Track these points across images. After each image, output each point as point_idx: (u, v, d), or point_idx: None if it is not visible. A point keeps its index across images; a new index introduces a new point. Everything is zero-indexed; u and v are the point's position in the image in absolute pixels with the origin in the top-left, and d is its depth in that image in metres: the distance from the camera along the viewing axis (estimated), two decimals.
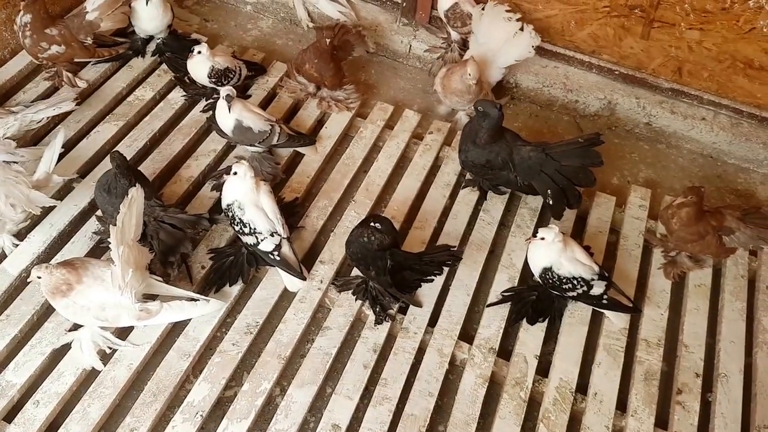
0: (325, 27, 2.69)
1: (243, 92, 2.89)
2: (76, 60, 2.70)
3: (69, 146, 2.56)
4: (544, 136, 3.11)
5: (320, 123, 2.91)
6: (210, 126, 2.68)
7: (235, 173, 2.15)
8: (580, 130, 3.13)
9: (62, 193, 2.44)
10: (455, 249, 2.39)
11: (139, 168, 2.50)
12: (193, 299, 2.11)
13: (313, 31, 3.34)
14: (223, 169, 2.57)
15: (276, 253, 2.19)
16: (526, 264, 2.30)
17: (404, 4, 3.23)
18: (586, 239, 2.54)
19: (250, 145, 2.56)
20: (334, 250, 2.40)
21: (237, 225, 2.19)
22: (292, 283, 2.29)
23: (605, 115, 3.15)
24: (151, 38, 2.98)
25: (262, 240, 2.17)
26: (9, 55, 2.79)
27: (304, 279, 2.26)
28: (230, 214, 2.19)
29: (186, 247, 2.22)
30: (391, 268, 2.16)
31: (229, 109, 2.42)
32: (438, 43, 3.24)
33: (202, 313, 2.10)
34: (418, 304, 2.29)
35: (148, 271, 2.08)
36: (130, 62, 2.92)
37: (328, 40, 2.65)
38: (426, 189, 2.69)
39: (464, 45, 3.18)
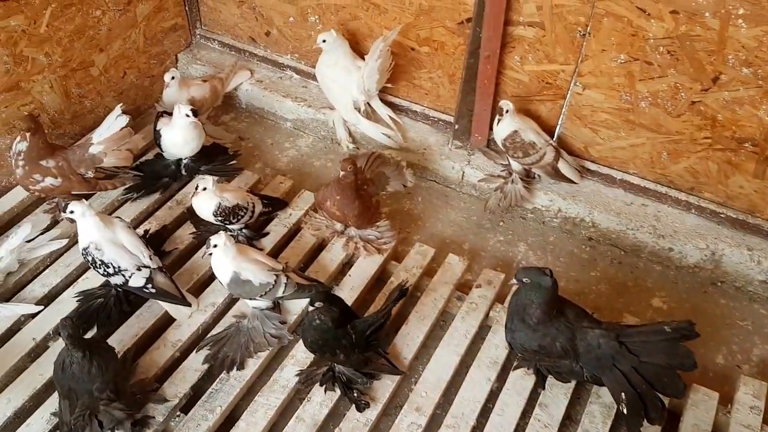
0: (348, 158, 2.26)
1: (260, 230, 2.49)
2: (74, 193, 2.41)
3: (54, 295, 2.23)
4: (628, 291, 2.47)
5: (348, 266, 2.44)
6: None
7: (72, 212, 2.03)
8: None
9: (32, 356, 2.07)
10: (404, 284, 2.18)
11: (118, 329, 2.12)
12: None
13: (355, 152, 2.95)
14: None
15: (150, 285, 2.07)
16: None
17: (457, 126, 2.77)
18: None
19: (251, 299, 2.13)
20: None
21: (100, 268, 2.06)
22: (176, 311, 2.15)
23: (708, 267, 2.46)
24: (179, 161, 2.69)
25: (130, 276, 2.06)
26: (11, 184, 2.56)
27: (189, 305, 2.16)
28: (89, 259, 2.07)
29: None
30: (355, 341, 1.94)
31: (209, 247, 2.02)
32: (497, 171, 2.73)
33: None
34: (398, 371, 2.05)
35: None
36: (142, 194, 2.61)
37: (342, 173, 2.21)
38: (466, 366, 2.11)
39: (528, 175, 2.65)
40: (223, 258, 2.04)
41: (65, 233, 2.40)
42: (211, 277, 2.26)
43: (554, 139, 2.61)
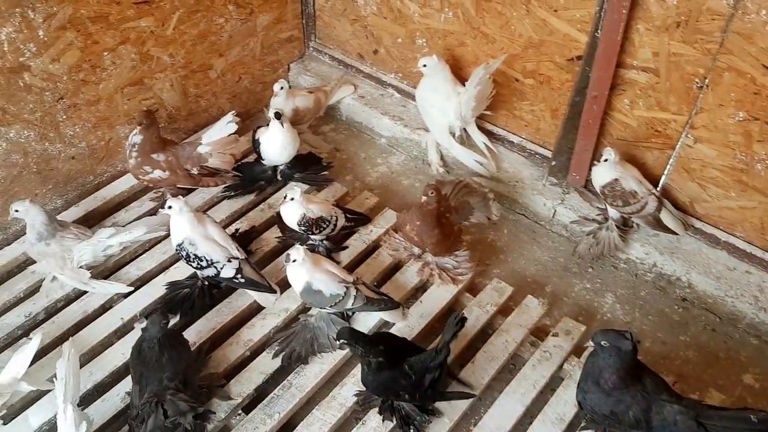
0: (432, 185, 2.24)
1: (340, 242, 2.54)
2: (179, 186, 2.58)
3: (146, 279, 2.39)
4: (719, 362, 2.29)
5: (421, 291, 2.43)
6: None
7: (170, 207, 2.16)
8: None
9: (118, 334, 2.22)
10: (460, 315, 1.94)
11: (198, 320, 2.24)
12: None
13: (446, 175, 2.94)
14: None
15: (239, 276, 2.20)
16: None
17: (554, 163, 2.68)
18: None
19: (321, 308, 2.18)
20: None
21: (193, 261, 2.19)
22: (263, 299, 2.28)
23: None
24: (276, 167, 2.79)
25: (221, 268, 2.19)
26: (124, 170, 2.75)
27: (275, 292, 2.27)
28: (184, 253, 2.19)
29: None
30: (418, 380, 1.88)
31: (288, 260, 2.09)
32: (592, 215, 2.62)
33: None
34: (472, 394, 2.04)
35: None
36: (238, 193, 2.74)
37: (425, 198, 2.20)
38: (530, 418, 2.03)
39: (625, 224, 2.51)
40: (299, 269, 2.10)
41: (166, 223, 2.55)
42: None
43: (658, 188, 2.46)
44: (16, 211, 2.22)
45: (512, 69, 2.67)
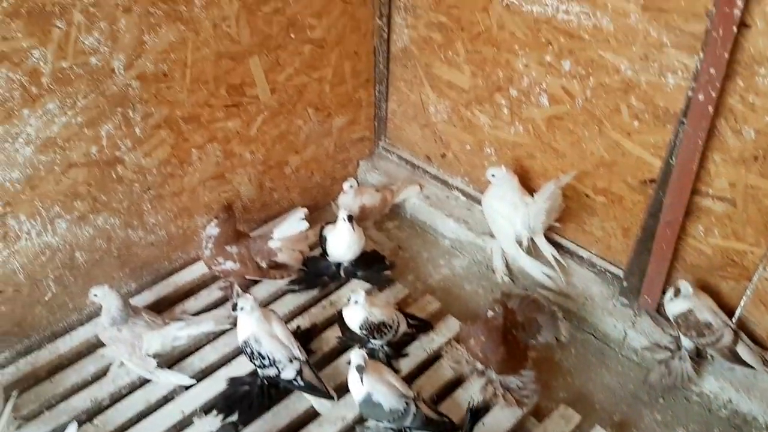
0: (499, 299, 2.22)
1: (400, 348, 2.52)
2: (247, 277, 2.65)
3: (208, 371, 2.41)
4: None
5: (484, 411, 2.34)
6: None
7: (242, 308, 2.20)
8: None
9: (178, 428, 2.23)
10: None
11: (255, 421, 2.23)
12: None
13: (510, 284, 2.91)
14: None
15: (299, 378, 2.21)
16: None
17: (626, 283, 2.62)
18: None
19: (377, 420, 2.13)
20: None
21: (256, 359, 2.21)
22: (320, 404, 2.27)
23: None
24: (339, 264, 2.84)
25: (282, 368, 2.20)
26: (197, 257, 2.85)
27: (333, 398, 2.26)
28: (248, 350, 2.22)
29: None
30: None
31: (362, 380, 2.07)
32: (664, 342, 2.52)
33: None
34: None
35: None
36: (302, 287, 2.78)
37: (491, 313, 2.17)
38: None
39: (699, 354, 2.41)
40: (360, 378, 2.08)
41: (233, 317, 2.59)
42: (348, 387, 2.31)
43: (734, 320, 2.36)
44: (95, 295, 2.31)
45: (582, 184, 2.68)
